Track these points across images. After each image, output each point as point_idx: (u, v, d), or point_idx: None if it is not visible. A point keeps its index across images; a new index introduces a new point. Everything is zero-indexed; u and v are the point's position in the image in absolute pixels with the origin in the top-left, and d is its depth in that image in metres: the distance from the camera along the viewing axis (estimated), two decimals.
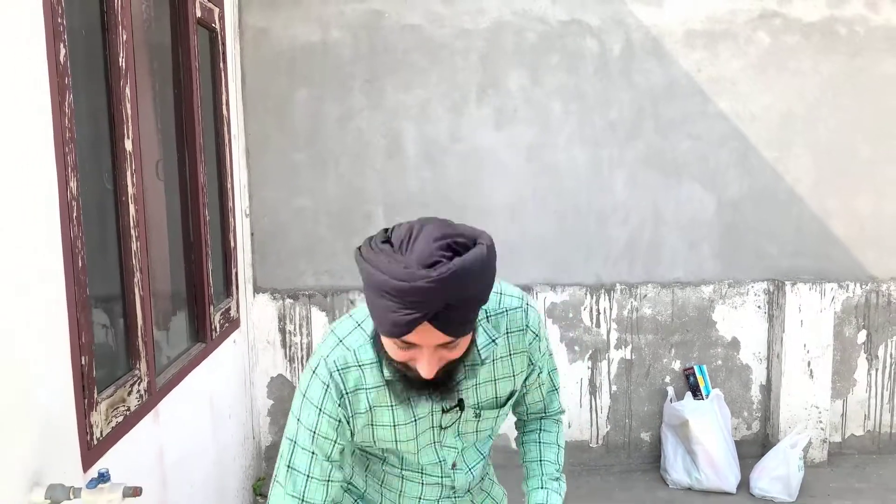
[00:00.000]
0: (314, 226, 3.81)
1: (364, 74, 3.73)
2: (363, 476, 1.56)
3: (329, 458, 1.36)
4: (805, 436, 3.70)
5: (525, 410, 1.65)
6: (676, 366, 3.99)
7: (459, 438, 1.48)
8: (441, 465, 1.49)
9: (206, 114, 3.11)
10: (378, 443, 1.43)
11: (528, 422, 1.68)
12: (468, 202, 3.83)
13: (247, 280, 3.73)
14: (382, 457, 1.49)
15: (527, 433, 1.68)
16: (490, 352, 1.39)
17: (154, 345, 2.37)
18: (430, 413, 1.41)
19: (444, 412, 1.41)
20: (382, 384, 1.35)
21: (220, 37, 3.30)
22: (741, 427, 4.05)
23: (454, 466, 1.50)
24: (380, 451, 1.48)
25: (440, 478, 1.50)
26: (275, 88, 3.71)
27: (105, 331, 2.14)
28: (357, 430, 1.39)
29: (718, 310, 3.96)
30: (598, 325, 3.94)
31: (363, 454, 1.52)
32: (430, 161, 3.80)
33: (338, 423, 1.35)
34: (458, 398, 1.39)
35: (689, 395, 3.87)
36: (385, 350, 1.27)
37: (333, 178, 3.78)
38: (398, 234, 1.18)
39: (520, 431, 1.71)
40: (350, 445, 1.43)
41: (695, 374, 3.92)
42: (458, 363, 1.28)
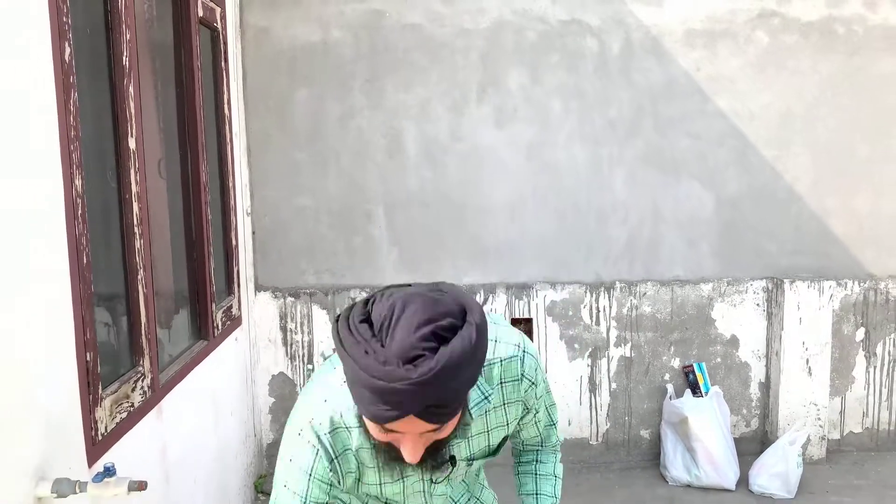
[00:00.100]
0: (315, 224, 3.82)
1: (364, 74, 3.75)
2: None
3: None
4: (804, 433, 3.71)
5: (521, 442, 1.59)
6: (676, 363, 4.00)
7: (450, 485, 1.45)
8: (427, 501, 1.46)
9: (208, 113, 3.13)
10: (364, 496, 1.40)
11: (525, 452, 1.63)
12: (468, 201, 3.85)
13: (248, 278, 3.74)
14: (365, 500, 1.46)
15: (523, 464, 1.63)
16: (483, 408, 1.32)
17: (157, 342, 2.38)
18: (420, 472, 1.36)
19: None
20: (369, 447, 1.28)
21: (222, 36, 3.32)
22: (740, 424, 4.07)
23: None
24: (364, 496, 1.44)
25: None
26: (276, 88, 3.73)
27: (109, 328, 2.15)
28: (345, 485, 1.34)
29: (717, 308, 3.98)
30: (598, 323, 3.96)
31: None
32: (431, 160, 3.82)
33: (329, 486, 1.30)
34: (449, 455, 1.31)
35: (689, 393, 3.89)
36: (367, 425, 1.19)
37: (334, 177, 3.80)
38: (379, 312, 1.07)
39: (516, 460, 1.65)
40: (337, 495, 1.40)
41: (694, 372, 3.94)
42: (447, 439, 1.20)
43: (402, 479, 1.37)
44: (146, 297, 2.28)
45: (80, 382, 1.82)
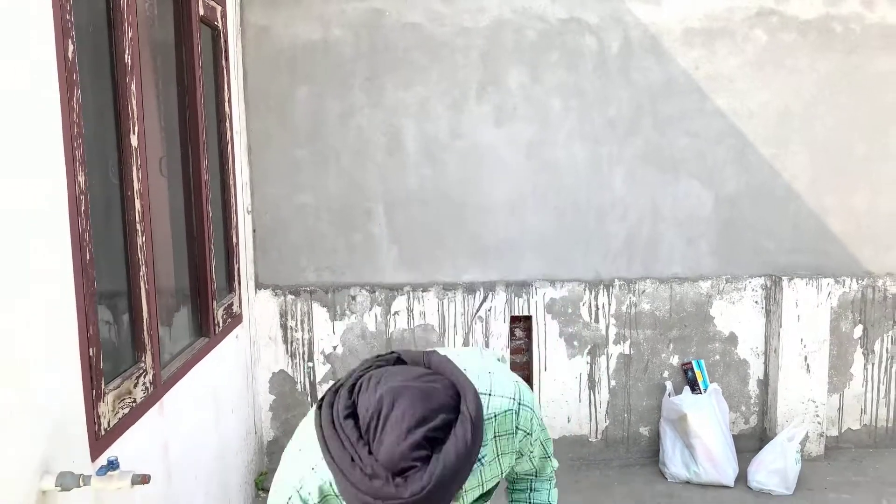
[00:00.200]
0: (315, 222, 3.84)
1: (365, 72, 3.76)
2: None
3: None
4: (802, 429, 3.73)
5: (515, 473, 1.57)
6: (675, 361, 4.02)
7: None
8: None
9: (209, 111, 3.14)
10: None
11: (519, 480, 1.60)
12: (468, 199, 3.86)
13: (249, 276, 3.75)
14: None
15: (517, 491, 1.61)
16: (476, 469, 1.28)
17: (158, 338, 2.40)
18: None
19: None
20: None
21: (223, 35, 3.33)
22: (739, 421, 4.08)
23: None
24: None
25: None
26: (276, 86, 3.74)
27: (111, 324, 2.17)
28: None
29: (716, 305, 4.00)
30: (597, 321, 3.97)
31: None
32: (431, 158, 3.83)
33: None
34: None
35: (688, 390, 3.91)
36: None
37: (334, 175, 3.81)
38: (365, 406, 1.01)
39: (509, 487, 1.63)
40: None
41: (693, 369, 3.95)
42: None
43: None
44: (148, 294, 2.29)
45: (84, 378, 1.84)
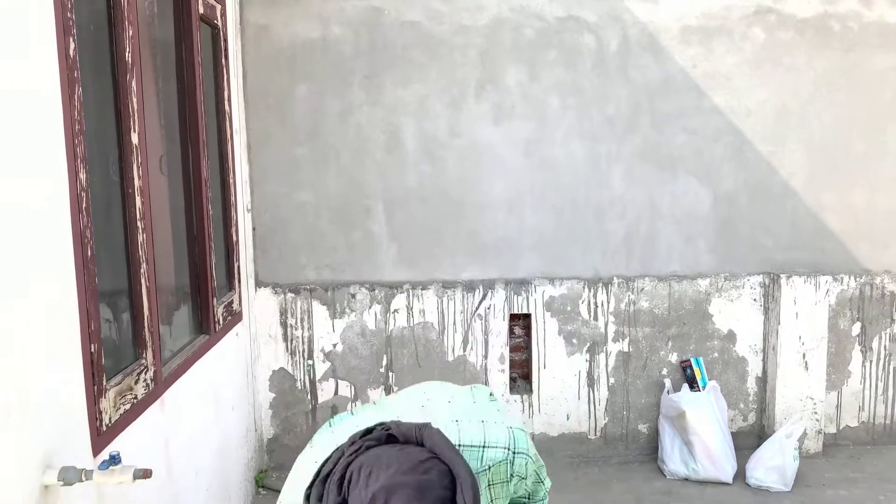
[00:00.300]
0: (315, 220, 3.85)
1: (364, 70, 3.77)
2: None
3: None
4: (800, 425, 3.74)
5: None
6: (673, 358, 4.03)
7: None
8: None
9: (209, 109, 3.15)
10: None
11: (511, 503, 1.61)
12: (467, 197, 3.87)
13: (248, 274, 3.76)
14: None
15: None
16: None
17: (159, 335, 2.41)
18: None
19: None
20: None
21: (222, 33, 3.34)
22: (737, 418, 4.10)
23: None
24: None
25: None
26: (276, 84, 3.75)
27: (112, 321, 2.18)
28: None
29: (715, 303, 4.01)
30: (596, 318, 3.98)
31: None
32: (429, 156, 3.85)
33: None
34: None
35: (686, 387, 3.92)
36: None
37: (334, 174, 3.82)
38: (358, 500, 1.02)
39: None
40: None
41: (691, 367, 3.97)
42: None
43: None
44: (149, 291, 2.30)
45: (85, 374, 1.85)
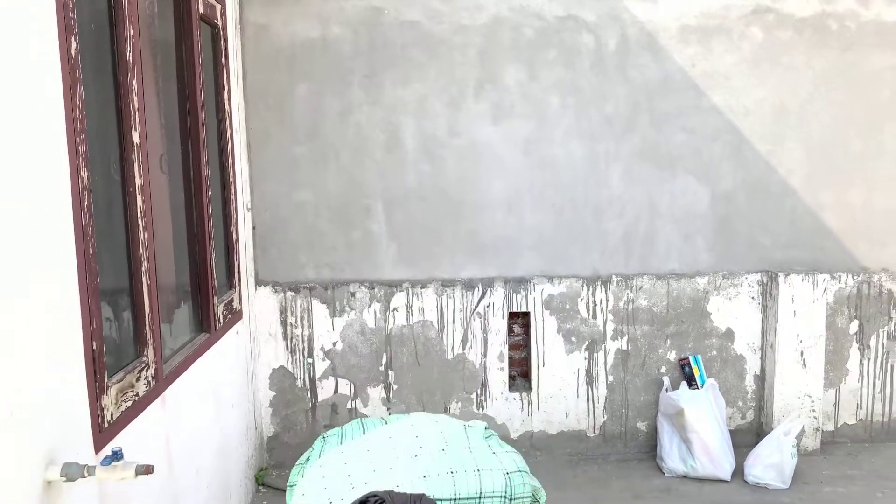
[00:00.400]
0: (314, 219, 3.86)
1: (363, 70, 3.78)
2: None
3: None
4: (798, 423, 3.76)
5: None
6: (672, 356, 4.05)
7: None
8: None
9: (209, 109, 3.17)
10: None
11: None
12: (466, 196, 3.89)
13: (248, 273, 3.78)
14: None
15: None
16: None
17: (160, 333, 2.42)
18: None
19: None
20: None
21: (222, 33, 3.35)
22: (736, 416, 4.11)
23: None
24: None
25: None
26: (275, 84, 3.77)
27: (114, 318, 2.19)
28: None
29: (713, 301, 4.03)
30: (595, 317, 4.00)
31: None
32: (429, 155, 3.86)
33: None
34: None
35: (685, 385, 3.93)
36: None
37: (333, 173, 3.84)
38: None
39: None
40: None
41: (690, 365, 3.98)
42: None
43: None
44: (150, 289, 2.31)
45: (87, 371, 1.86)
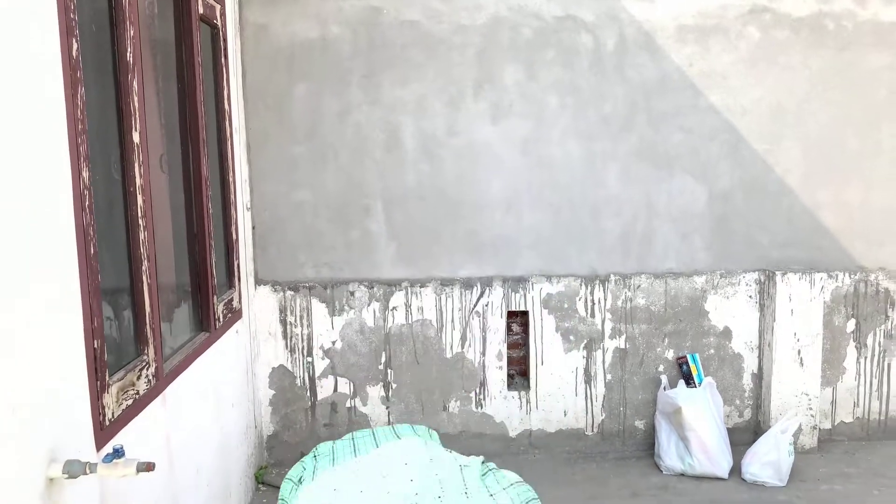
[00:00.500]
0: (314, 219, 3.87)
1: (362, 70, 3.80)
2: None
3: None
4: (795, 421, 3.78)
5: None
6: (670, 355, 4.07)
7: None
8: None
9: (209, 109, 3.18)
10: None
11: None
12: (465, 196, 3.90)
13: (248, 272, 3.79)
14: None
15: None
16: None
17: (160, 332, 2.43)
18: None
19: None
20: None
21: (222, 33, 3.36)
22: (733, 414, 4.13)
23: None
24: None
25: None
26: (275, 84, 3.78)
27: (114, 317, 2.20)
28: None
29: (710, 300, 4.04)
30: (593, 316, 4.01)
31: None
32: (428, 155, 3.87)
33: None
34: None
35: (682, 384, 3.95)
36: None
37: (332, 172, 3.85)
38: None
39: None
40: None
41: (688, 363, 4.00)
42: None
43: None
44: (150, 288, 2.33)
45: (89, 369, 1.88)
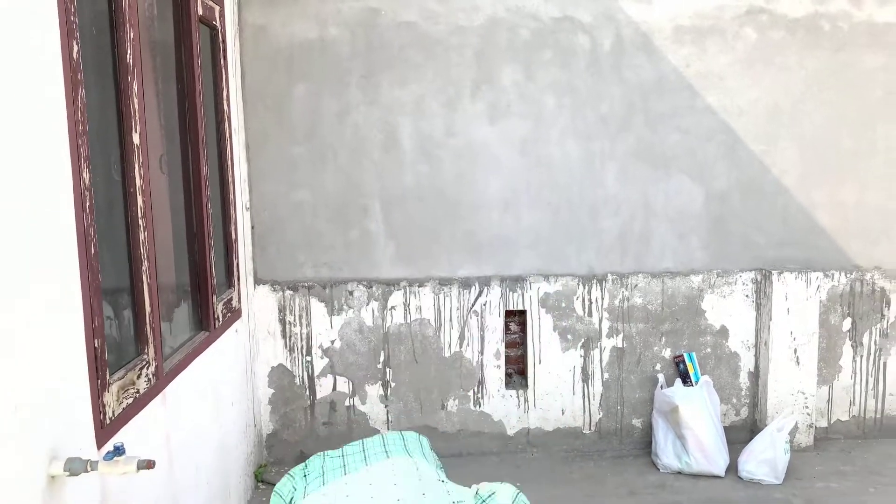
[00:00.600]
0: (313, 219, 3.90)
1: (361, 70, 3.82)
2: None
3: None
4: (792, 419, 3.80)
5: None
6: (667, 353, 4.09)
7: None
8: None
9: (208, 109, 3.20)
10: None
11: None
12: (463, 196, 3.92)
13: (247, 272, 3.81)
14: None
15: None
16: None
17: (160, 331, 2.45)
18: None
19: None
20: None
21: (221, 34, 3.38)
22: (730, 413, 4.15)
23: None
24: None
25: None
26: (274, 84, 3.80)
27: (114, 317, 2.22)
28: None
29: (707, 299, 4.07)
30: (591, 315, 4.04)
31: None
32: (426, 155, 3.89)
33: None
34: None
35: (679, 382, 3.97)
36: None
37: (331, 173, 3.87)
38: None
39: None
40: None
41: (685, 362, 4.02)
42: None
43: None
44: (150, 287, 2.35)
45: (89, 368, 1.90)
